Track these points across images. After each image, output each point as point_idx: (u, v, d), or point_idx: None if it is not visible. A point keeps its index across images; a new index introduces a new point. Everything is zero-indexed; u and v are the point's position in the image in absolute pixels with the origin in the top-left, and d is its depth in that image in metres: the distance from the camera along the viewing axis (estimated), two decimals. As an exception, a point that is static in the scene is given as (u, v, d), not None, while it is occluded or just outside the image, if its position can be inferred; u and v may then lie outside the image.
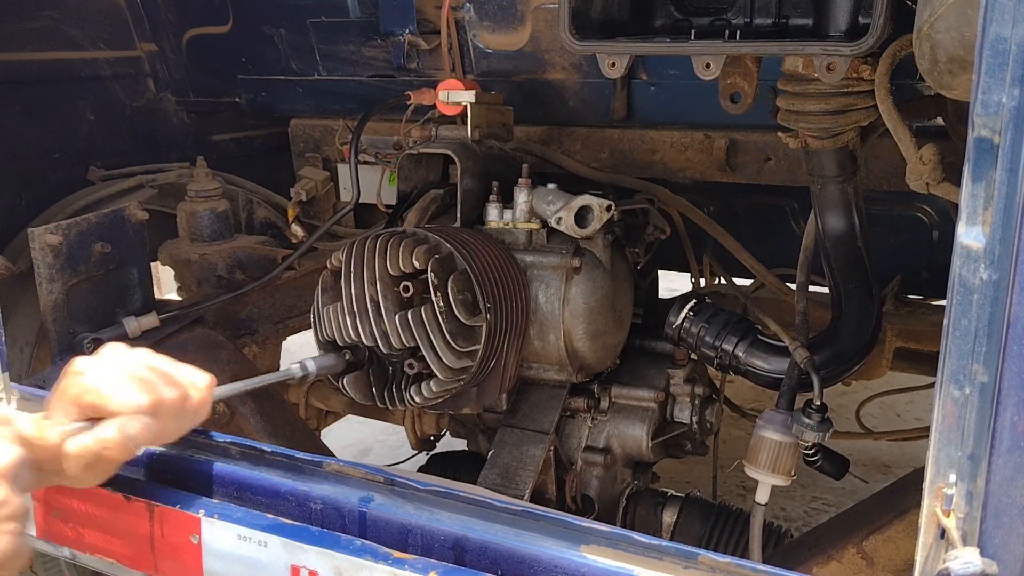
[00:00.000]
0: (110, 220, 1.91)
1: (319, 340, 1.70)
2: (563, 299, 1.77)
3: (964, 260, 0.79)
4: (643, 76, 2.03)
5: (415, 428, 2.17)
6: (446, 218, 1.88)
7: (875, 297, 1.69)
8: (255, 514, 1.13)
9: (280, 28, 2.34)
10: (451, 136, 1.89)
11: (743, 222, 2.57)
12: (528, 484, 1.75)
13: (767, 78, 1.62)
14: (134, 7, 2.48)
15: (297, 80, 2.42)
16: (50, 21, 2.27)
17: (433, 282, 1.57)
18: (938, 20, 0.99)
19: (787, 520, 3.18)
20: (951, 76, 1.02)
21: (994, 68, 0.75)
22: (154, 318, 1.97)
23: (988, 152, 0.77)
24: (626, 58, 1.44)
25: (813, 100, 1.48)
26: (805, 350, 1.63)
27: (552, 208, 1.72)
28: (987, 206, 0.77)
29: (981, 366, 0.80)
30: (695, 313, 1.77)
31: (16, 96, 2.20)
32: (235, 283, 2.22)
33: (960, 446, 0.82)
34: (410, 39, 2.10)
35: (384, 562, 1.05)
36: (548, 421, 1.84)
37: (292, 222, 2.34)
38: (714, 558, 0.95)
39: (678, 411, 1.97)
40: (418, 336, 1.56)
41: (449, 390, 1.63)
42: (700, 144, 2.10)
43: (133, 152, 2.48)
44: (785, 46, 1.40)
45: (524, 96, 2.12)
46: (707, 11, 1.65)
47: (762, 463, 1.64)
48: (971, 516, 0.82)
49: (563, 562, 1.00)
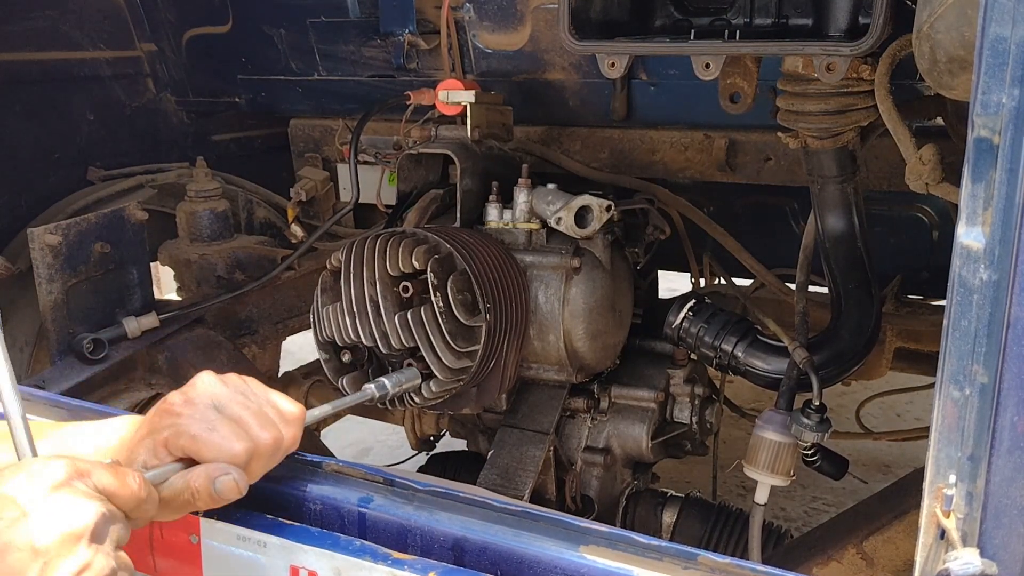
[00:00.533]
0: (110, 220, 1.91)
1: (319, 340, 1.70)
2: (563, 299, 1.77)
3: (964, 260, 0.79)
4: (643, 76, 2.03)
5: (415, 428, 2.17)
6: (446, 218, 1.88)
7: (875, 297, 1.69)
8: (254, 514, 1.13)
9: (280, 28, 2.34)
10: (451, 136, 1.89)
11: (743, 222, 2.57)
12: (528, 484, 1.75)
13: (767, 78, 1.62)
14: (134, 7, 2.48)
15: (297, 80, 2.42)
16: (50, 21, 2.27)
17: (433, 282, 1.57)
18: (938, 20, 0.99)
19: (787, 520, 3.18)
20: (951, 76, 1.02)
21: (994, 68, 0.75)
22: (154, 318, 1.97)
23: (988, 152, 0.77)
24: (626, 58, 1.44)
25: (813, 100, 1.48)
26: (804, 350, 1.63)
27: (552, 208, 1.72)
28: (987, 206, 0.77)
29: (981, 366, 0.80)
30: (695, 313, 1.77)
31: (16, 96, 2.21)
32: (235, 283, 2.22)
33: (960, 447, 0.82)
34: (410, 39, 2.10)
35: (383, 563, 1.05)
36: (548, 421, 1.84)
37: (292, 222, 2.34)
38: (714, 559, 0.94)
39: (678, 411, 1.97)
40: (418, 336, 1.56)
41: (449, 390, 1.63)
42: (700, 144, 2.10)
43: (133, 152, 2.48)
44: (785, 46, 1.40)
45: (524, 96, 2.12)
46: (707, 11, 1.65)
47: (761, 463, 1.64)
48: (971, 517, 0.82)
49: (563, 562, 1.00)
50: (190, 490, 0.98)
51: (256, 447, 1.01)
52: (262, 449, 1.02)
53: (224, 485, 0.98)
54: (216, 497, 0.98)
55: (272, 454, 1.04)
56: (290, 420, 1.08)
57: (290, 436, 1.07)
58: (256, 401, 1.05)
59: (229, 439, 0.99)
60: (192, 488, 0.97)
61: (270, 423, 1.04)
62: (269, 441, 1.03)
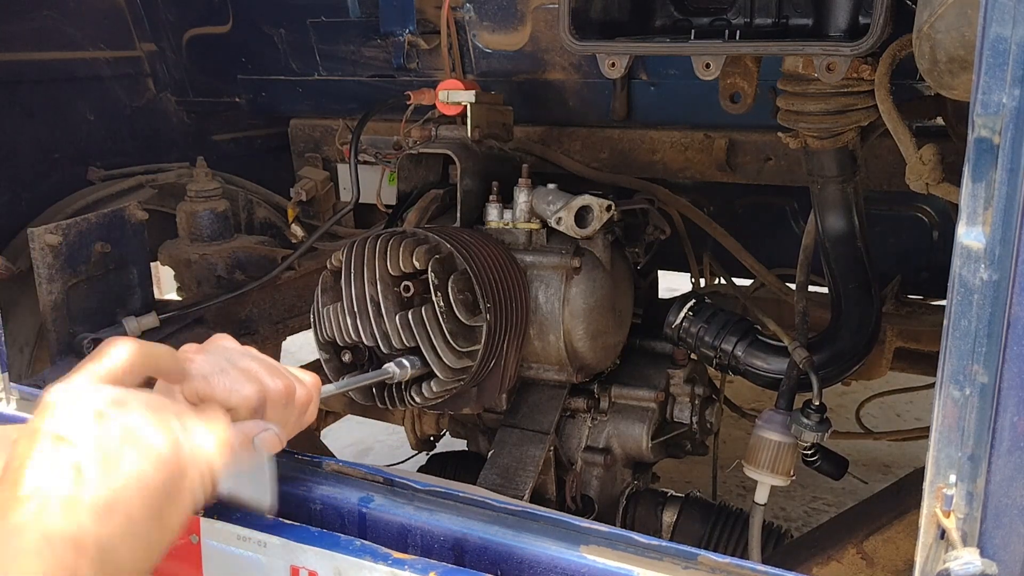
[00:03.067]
0: (110, 220, 1.91)
1: (319, 340, 1.70)
2: (563, 299, 1.77)
3: (964, 260, 0.79)
4: (643, 76, 2.03)
5: (415, 428, 2.17)
6: (446, 218, 1.88)
7: (875, 297, 1.69)
8: (254, 514, 1.13)
9: (280, 28, 2.34)
10: (451, 136, 1.89)
11: (743, 222, 2.57)
12: (528, 484, 1.75)
13: (767, 78, 1.62)
14: (134, 7, 2.48)
15: (297, 80, 2.42)
16: (50, 21, 2.26)
17: (434, 282, 1.57)
18: (938, 20, 0.99)
19: (787, 520, 3.18)
20: (951, 76, 1.02)
21: (994, 68, 0.75)
22: (154, 318, 1.97)
23: (988, 152, 0.77)
24: (626, 58, 1.44)
25: (813, 100, 1.48)
26: (804, 350, 1.63)
27: (552, 208, 1.72)
28: (987, 206, 0.77)
29: (981, 366, 0.80)
30: (694, 313, 1.77)
31: (16, 96, 2.20)
32: (235, 283, 2.22)
33: (960, 446, 0.82)
34: (410, 39, 2.10)
35: (384, 562, 1.05)
36: (548, 421, 1.84)
37: (292, 222, 2.34)
38: (714, 558, 0.95)
39: (678, 411, 1.97)
40: (419, 336, 1.56)
41: (449, 390, 1.63)
42: (700, 144, 2.10)
43: (133, 152, 2.48)
44: (785, 46, 1.40)
45: (524, 96, 2.12)
46: (707, 11, 1.65)
47: (761, 463, 1.64)
48: (971, 517, 0.82)
49: (563, 562, 1.00)
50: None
51: (267, 392, 1.02)
52: (273, 394, 1.02)
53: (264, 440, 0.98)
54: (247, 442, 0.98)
55: (285, 403, 1.04)
56: (304, 381, 1.09)
57: (303, 393, 1.08)
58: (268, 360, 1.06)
59: (239, 380, 1.00)
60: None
61: (281, 374, 1.05)
62: (281, 387, 1.03)
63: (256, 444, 0.98)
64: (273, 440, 0.99)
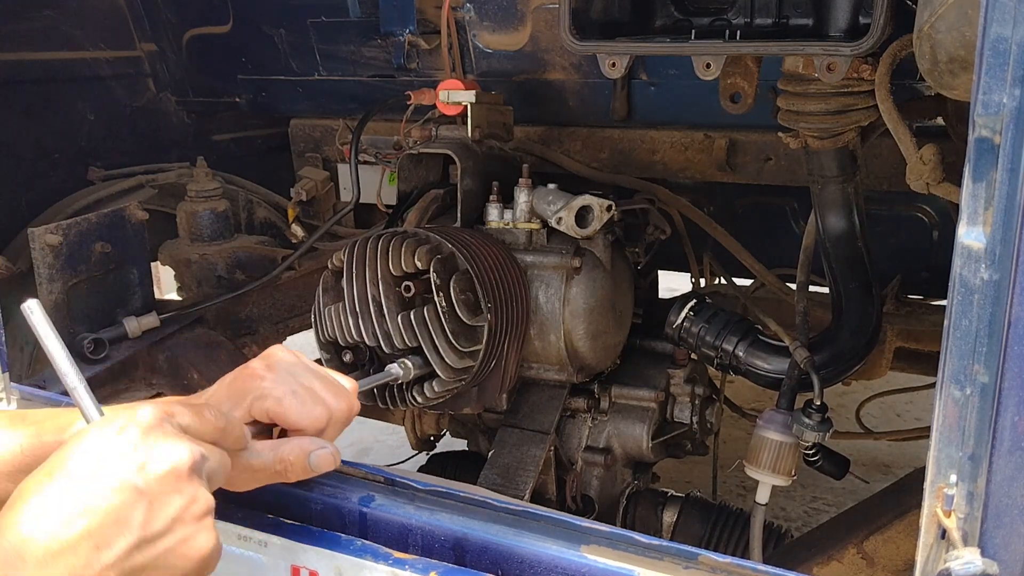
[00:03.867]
0: (110, 220, 1.91)
1: (320, 340, 1.70)
2: (563, 299, 1.77)
3: (965, 260, 0.79)
4: (643, 76, 2.03)
5: (415, 428, 2.17)
6: (446, 218, 1.88)
7: (875, 297, 1.69)
8: (255, 514, 1.13)
9: (280, 28, 2.34)
10: (451, 136, 1.89)
11: (743, 222, 2.57)
12: (528, 484, 1.75)
13: (767, 78, 1.62)
14: (134, 7, 2.48)
15: (297, 80, 2.42)
16: (50, 21, 2.27)
17: (435, 282, 1.57)
18: (938, 20, 0.99)
19: (787, 520, 3.18)
20: (951, 76, 1.02)
21: (994, 68, 0.75)
22: (154, 318, 1.97)
23: (988, 152, 0.77)
24: (626, 58, 1.44)
25: (813, 100, 1.48)
26: (805, 350, 1.63)
27: (552, 208, 1.72)
28: (988, 206, 0.77)
29: (982, 366, 0.80)
30: (695, 313, 1.77)
31: (16, 96, 2.20)
32: (235, 283, 2.22)
33: (961, 446, 0.82)
34: (410, 39, 2.10)
35: (384, 562, 1.05)
36: (548, 421, 1.84)
37: (292, 222, 2.34)
38: (714, 558, 0.95)
39: (678, 411, 1.97)
40: (420, 336, 1.56)
41: (451, 390, 1.63)
42: (700, 144, 2.10)
43: (133, 152, 2.48)
44: (785, 46, 1.40)
45: (524, 96, 2.12)
46: (707, 11, 1.65)
47: (762, 463, 1.64)
48: (972, 516, 0.82)
49: (563, 562, 1.00)
50: (283, 463, 1.00)
51: (332, 414, 1.05)
52: (337, 415, 1.06)
53: (320, 459, 1.02)
54: (309, 470, 1.02)
55: (345, 421, 1.08)
56: (352, 391, 1.12)
57: (357, 407, 1.12)
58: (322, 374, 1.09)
59: (310, 404, 1.03)
60: (286, 461, 1.00)
61: (342, 392, 1.09)
62: (345, 408, 1.07)
63: (312, 462, 1.01)
64: (328, 459, 1.03)
